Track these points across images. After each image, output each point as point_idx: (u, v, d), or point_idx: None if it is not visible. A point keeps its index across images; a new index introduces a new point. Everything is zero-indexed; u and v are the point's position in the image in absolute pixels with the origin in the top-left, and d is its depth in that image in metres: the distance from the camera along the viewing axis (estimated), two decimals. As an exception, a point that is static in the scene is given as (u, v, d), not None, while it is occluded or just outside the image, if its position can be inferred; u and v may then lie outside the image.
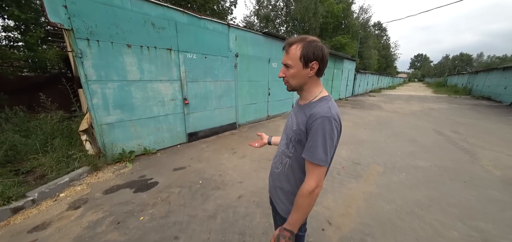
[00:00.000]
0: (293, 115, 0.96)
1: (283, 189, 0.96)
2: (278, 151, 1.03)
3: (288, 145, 0.93)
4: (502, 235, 1.88)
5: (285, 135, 0.97)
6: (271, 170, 1.08)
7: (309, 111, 0.83)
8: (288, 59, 0.83)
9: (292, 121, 0.93)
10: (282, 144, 0.99)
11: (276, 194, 1.01)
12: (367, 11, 22.18)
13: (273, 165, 1.05)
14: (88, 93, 2.84)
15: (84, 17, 2.65)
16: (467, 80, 20.57)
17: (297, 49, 0.80)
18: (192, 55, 3.96)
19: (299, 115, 0.88)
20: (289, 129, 0.93)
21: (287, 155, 0.93)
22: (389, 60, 36.44)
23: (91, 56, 2.78)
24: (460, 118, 7.23)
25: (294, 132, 0.88)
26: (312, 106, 0.84)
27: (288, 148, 0.93)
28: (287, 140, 0.94)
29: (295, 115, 0.92)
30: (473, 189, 2.64)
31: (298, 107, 0.93)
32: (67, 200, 2.32)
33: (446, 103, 11.50)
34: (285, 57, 0.84)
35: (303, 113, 0.85)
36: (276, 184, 1.00)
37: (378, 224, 2.00)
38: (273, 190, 1.04)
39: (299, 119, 0.86)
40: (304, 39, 0.81)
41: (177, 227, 1.94)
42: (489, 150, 4.00)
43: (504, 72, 12.61)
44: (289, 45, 0.82)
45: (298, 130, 0.86)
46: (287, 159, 0.93)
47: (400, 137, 4.89)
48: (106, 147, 3.14)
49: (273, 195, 1.05)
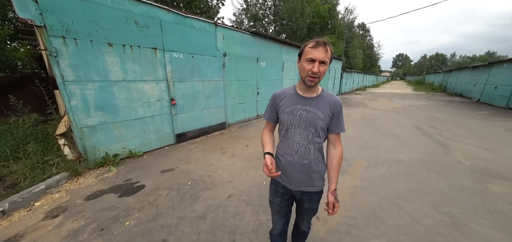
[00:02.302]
0: (308, 109, 1.04)
1: (320, 171, 1.12)
2: (301, 145, 1.06)
3: (317, 134, 1.05)
4: (470, 219, 2.06)
5: (309, 126, 1.04)
6: (294, 166, 1.09)
7: (330, 100, 1.05)
8: (327, 57, 0.92)
9: (313, 114, 1.03)
10: (304, 136, 1.05)
11: (311, 181, 1.11)
12: (352, 12, 22.99)
13: (296, 160, 1.07)
14: (65, 95, 2.67)
15: (59, 13, 2.48)
16: (442, 78, 22.13)
17: (330, 50, 0.94)
18: (179, 55, 3.87)
19: (320, 107, 1.03)
20: (314, 121, 1.03)
21: (317, 141, 1.07)
22: (373, 59, 38.08)
23: (68, 55, 2.62)
24: (436, 114, 7.77)
25: (322, 120, 1.03)
26: (328, 96, 1.06)
27: (318, 136, 1.06)
28: (315, 130, 1.04)
29: (314, 107, 1.04)
30: (446, 178, 2.86)
31: (309, 100, 1.05)
32: (43, 209, 2.17)
33: (425, 100, 12.29)
34: (324, 54, 0.91)
35: (325, 104, 1.04)
36: (311, 171, 1.09)
37: (362, 216, 2.11)
38: (306, 180, 1.11)
39: (323, 109, 1.03)
40: (327, 41, 0.95)
41: (165, 230, 1.90)
42: (460, 143, 4.35)
43: (473, 71, 13.73)
44: (326, 44, 0.92)
45: (326, 117, 1.03)
46: (316, 145, 1.07)
47: (383, 132, 5.15)
48: (88, 151, 2.97)
49: (306, 184, 1.12)
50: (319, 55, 0.91)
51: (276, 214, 1.30)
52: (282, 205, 1.23)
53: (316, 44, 0.92)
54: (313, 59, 0.92)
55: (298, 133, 1.06)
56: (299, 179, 1.10)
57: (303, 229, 1.38)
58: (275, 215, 1.31)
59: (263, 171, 0.99)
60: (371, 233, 1.88)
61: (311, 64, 0.93)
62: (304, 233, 1.42)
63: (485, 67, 11.99)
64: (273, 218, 1.35)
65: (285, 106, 1.08)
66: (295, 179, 1.11)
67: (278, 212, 1.28)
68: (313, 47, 0.92)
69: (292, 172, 1.10)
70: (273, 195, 1.25)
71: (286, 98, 1.10)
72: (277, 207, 1.25)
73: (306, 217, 1.29)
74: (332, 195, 1.10)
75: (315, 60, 0.92)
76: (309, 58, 0.93)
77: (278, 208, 1.25)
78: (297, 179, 1.11)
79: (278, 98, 1.13)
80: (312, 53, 0.92)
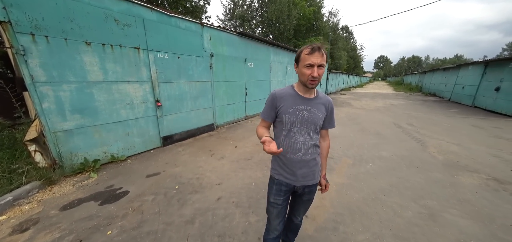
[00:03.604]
0: (309, 109, 1.12)
1: (318, 163, 1.23)
2: (303, 143, 1.13)
3: (316, 131, 1.15)
4: (443, 209, 2.24)
5: (310, 125, 1.12)
6: (298, 163, 1.14)
7: (325, 100, 1.17)
8: (323, 60, 0.99)
9: (313, 113, 1.12)
10: (305, 134, 1.13)
11: (313, 174, 1.19)
12: (336, 15, 23.88)
13: (299, 157, 1.13)
14: (36, 97, 2.45)
15: (26, 8, 2.27)
16: (418, 79, 23.79)
17: (325, 52, 1.00)
18: (164, 55, 3.74)
19: (318, 107, 1.14)
20: (315, 120, 1.12)
21: (315, 138, 1.16)
22: (357, 60, 39.85)
23: (38, 54, 2.41)
24: (414, 112, 8.34)
25: (320, 120, 1.14)
26: (323, 97, 1.18)
27: (316, 133, 1.16)
28: (315, 128, 1.13)
29: (314, 108, 1.12)
30: (422, 172, 3.07)
31: (309, 100, 1.13)
32: (10, 222, 1.96)
33: (404, 100, 13.13)
34: (321, 58, 0.98)
35: (321, 104, 1.15)
36: (313, 165, 1.18)
37: (348, 212, 2.19)
38: (309, 174, 1.18)
39: (321, 109, 1.14)
40: (321, 45, 1.00)
41: (151, 237, 1.82)
42: (434, 139, 4.71)
43: (444, 72, 14.97)
44: (321, 49, 0.98)
45: (323, 116, 1.15)
46: (315, 141, 1.16)
47: (366, 131, 5.41)
48: (63, 157, 2.76)
49: (309, 178, 1.19)
50: (316, 60, 0.97)
51: (276, 216, 1.27)
52: (284, 204, 1.26)
53: (311, 50, 0.97)
54: (311, 65, 0.98)
55: (300, 132, 1.12)
56: (303, 174, 1.16)
57: (296, 222, 1.43)
58: (276, 218, 1.27)
59: (264, 149, 0.94)
60: (356, 228, 1.96)
61: (310, 69, 0.99)
62: (297, 226, 1.47)
63: (454, 69, 13.13)
64: (272, 222, 1.30)
65: (287, 107, 1.11)
66: (299, 175, 1.16)
67: (279, 214, 1.26)
68: (309, 54, 0.98)
69: (297, 169, 1.15)
70: (276, 197, 1.23)
71: (287, 99, 1.13)
72: (279, 208, 1.24)
73: (303, 210, 1.36)
74: (324, 179, 1.30)
75: (313, 65, 0.98)
76: (307, 64, 0.99)
77: (280, 208, 1.25)
78: (301, 174, 1.16)
79: (279, 99, 1.15)
80: (309, 59, 0.98)
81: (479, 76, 9.77)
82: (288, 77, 8.99)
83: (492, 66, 9.18)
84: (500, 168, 3.22)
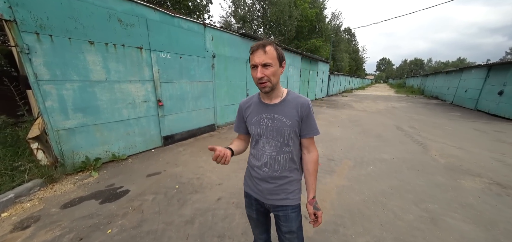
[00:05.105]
0: (272, 117, 0.96)
1: (292, 180, 1.02)
2: (268, 157, 0.98)
3: (285, 142, 0.97)
4: (445, 212, 2.22)
5: (277, 136, 0.96)
6: (264, 180, 1.01)
7: (297, 102, 0.95)
8: (268, 58, 0.85)
9: (279, 121, 0.95)
10: (272, 147, 0.97)
11: (283, 193, 1.00)
12: (339, 17, 23.89)
13: (265, 173, 1.00)
14: (39, 95, 2.47)
15: (31, 7, 2.30)
16: (420, 82, 23.69)
17: (272, 49, 0.87)
18: (166, 55, 3.76)
19: (285, 113, 0.95)
20: (282, 128, 0.95)
21: (286, 151, 0.97)
22: (359, 63, 39.77)
23: (42, 53, 2.43)
24: (415, 115, 8.29)
25: (290, 127, 0.94)
26: (294, 99, 0.97)
27: (287, 145, 0.97)
28: (283, 139, 0.96)
29: (279, 115, 0.95)
30: (424, 176, 3.05)
31: (272, 107, 0.97)
32: (11, 220, 1.98)
33: (405, 102, 13.06)
34: (264, 56, 0.85)
35: (290, 108, 0.95)
36: (282, 183, 1.00)
37: (349, 214, 2.18)
38: (278, 191, 1.00)
39: (290, 114, 0.94)
40: (271, 41, 0.88)
41: (151, 236, 1.82)
42: (436, 142, 4.67)
43: (446, 75, 14.88)
44: (265, 46, 0.86)
45: (293, 123, 0.94)
46: (286, 155, 0.98)
47: (368, 133, 5.38)
48: (65, 155, 2.77)
49: (277, 198, 1.01)
50: (259, 60, 0.85)
51: (255, 227, 1.21)
52: (260, 219, 1.15)
53: (254, 48, 0.87)
54: (255, 65, 0.87)
55: (267, 144, 0.98)
56: (270, 191, 1.01)
57: None
58: (255, 229, 1.21)
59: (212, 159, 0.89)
60: (357, 231, 1.94)
61: (255, 70, 0.87)
62: None
63: (457, 72, 13.05)
64: (253, 232, 1.25)
65: (251, 117, 1.02)
66: (266, 192, 1.02)
67: (257, 226, 1.19)
68: (252, 53, 0.87)
69: (263, 184, 1.02)
70: (248, 209, 1.16)
71: (252, 108, 1.03)
72: (255, 221, 1.17)
73: None
74: (310, 204, 1.00)
75: (256, 65, 0.86)
76: (252, 65, 0.89)
77: (256, 221, 1.17)
78: (268, 191, 1.02)
79: (245, 109, 1.06)
80: (252, 60, 0.87)
81: (482, 80, 9.69)
82: (289, 79, 9.00)
83: (495, 69, 9.11)
84: (503, 172, 3.18)
